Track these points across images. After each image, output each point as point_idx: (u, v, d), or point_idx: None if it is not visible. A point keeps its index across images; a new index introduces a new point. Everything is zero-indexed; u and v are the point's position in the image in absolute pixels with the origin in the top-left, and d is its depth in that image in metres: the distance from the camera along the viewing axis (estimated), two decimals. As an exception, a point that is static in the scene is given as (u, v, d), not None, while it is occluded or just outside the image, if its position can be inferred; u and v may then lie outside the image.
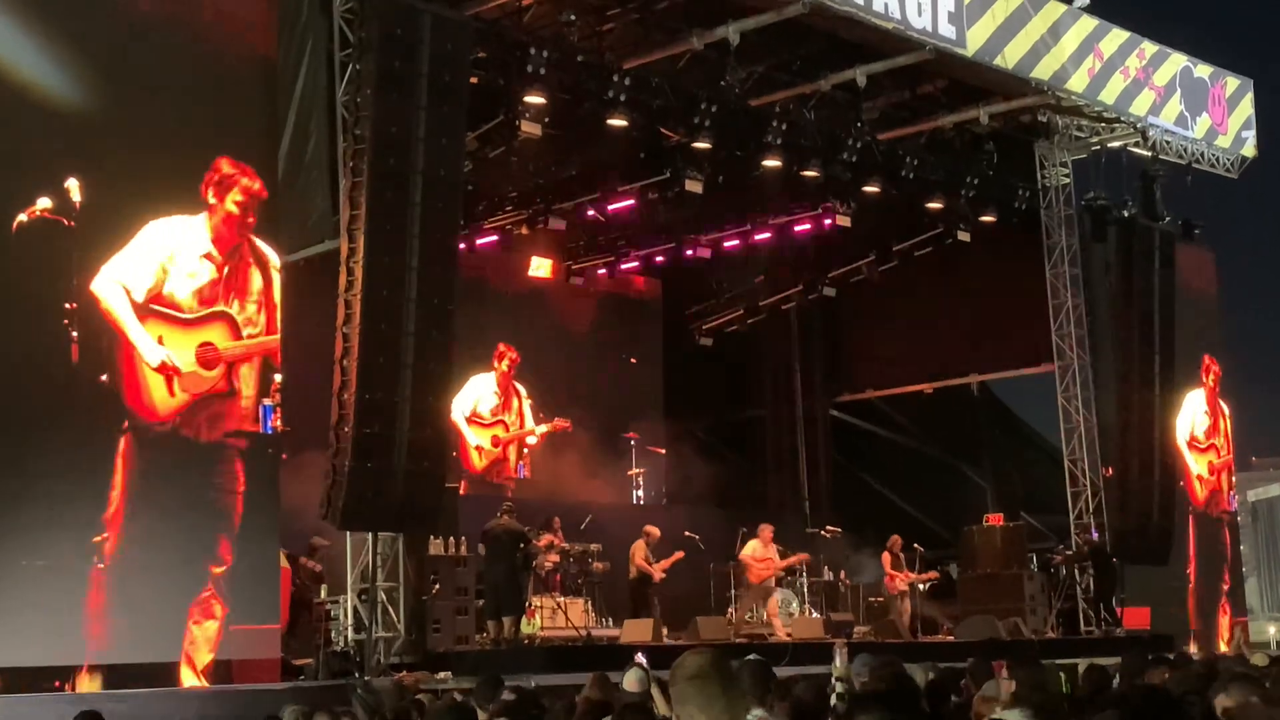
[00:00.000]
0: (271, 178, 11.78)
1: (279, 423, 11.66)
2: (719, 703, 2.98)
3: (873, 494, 21.52)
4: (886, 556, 17.31)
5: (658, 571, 15.82)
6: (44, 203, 10.52)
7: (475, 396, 18.22)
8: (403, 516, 12.11)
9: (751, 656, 5.76)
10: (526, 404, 18.62)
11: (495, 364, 18.31)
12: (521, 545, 13.94)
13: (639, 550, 15.96)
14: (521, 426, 18.44)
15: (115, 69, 11.09)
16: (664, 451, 20.70)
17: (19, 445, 10.30)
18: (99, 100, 10.96)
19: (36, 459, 10.32)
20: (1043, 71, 16.58)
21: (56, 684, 10.14)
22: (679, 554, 16.25)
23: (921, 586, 17.45)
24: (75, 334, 10.58)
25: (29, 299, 10.54)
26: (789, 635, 15.36)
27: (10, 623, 10.03)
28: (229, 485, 11.24)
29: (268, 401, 11.60)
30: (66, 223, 10.58)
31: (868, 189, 17.27)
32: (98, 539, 10.50)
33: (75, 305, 10.60)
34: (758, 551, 16.30)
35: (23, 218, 10.45)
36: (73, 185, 10.62)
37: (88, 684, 10.24)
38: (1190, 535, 19.30)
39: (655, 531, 16.20)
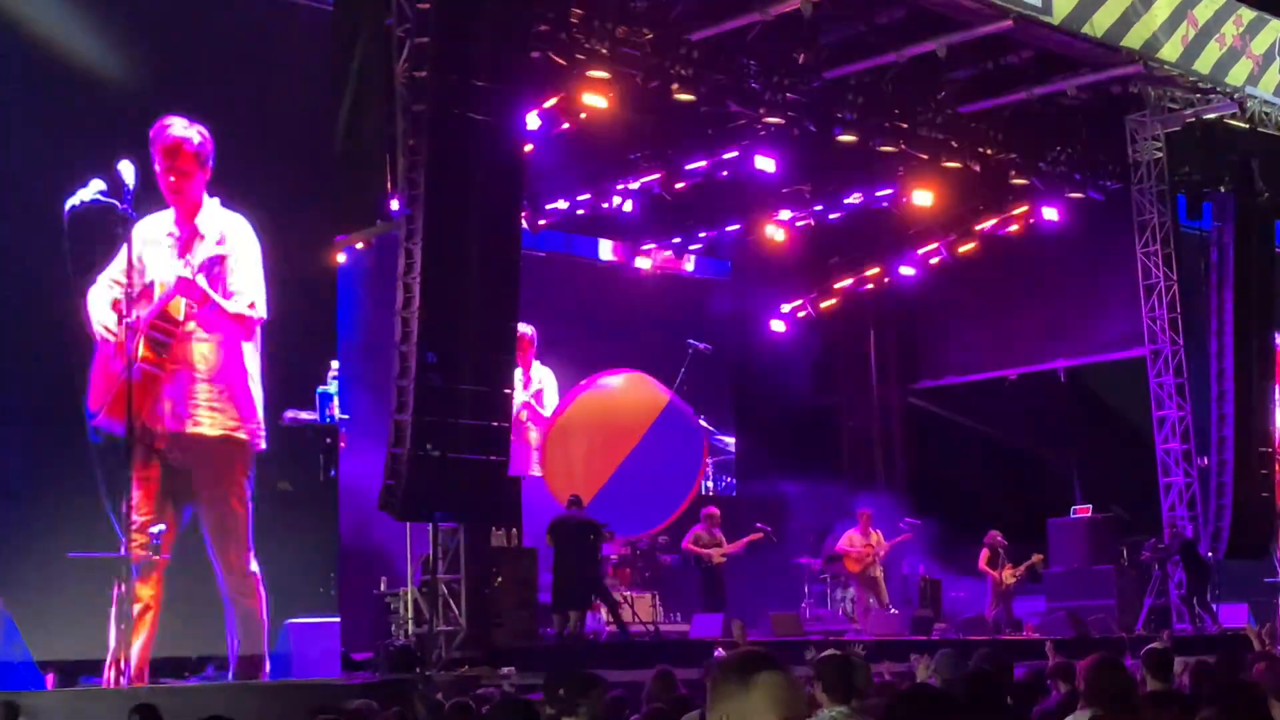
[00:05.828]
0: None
1: (336, 410, 11.37)
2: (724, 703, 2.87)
3: (952, 484, 20.75)
4: (985, 553, 16.72)
5: (717, 554, 15.29)
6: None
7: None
8: (465, 507, 11.79)
9: (829, 652, 5.53)
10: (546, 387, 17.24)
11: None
12: (590, 537, 13.63)
13: (692, 535, 15.52)
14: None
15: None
16: (733, 440, 20.12)
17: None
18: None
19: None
20: (1133, 40, 15.75)
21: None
22: (753, 535, 15.76)
23: (1012, 579, 16.86)
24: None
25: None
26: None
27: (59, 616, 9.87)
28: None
29: (324, 389, 11.35)
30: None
31: (948, 165, 16.74)
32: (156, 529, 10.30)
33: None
34: (855, 539, 15.97)
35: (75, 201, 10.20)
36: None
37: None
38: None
39: (715, 512, 15.74)
